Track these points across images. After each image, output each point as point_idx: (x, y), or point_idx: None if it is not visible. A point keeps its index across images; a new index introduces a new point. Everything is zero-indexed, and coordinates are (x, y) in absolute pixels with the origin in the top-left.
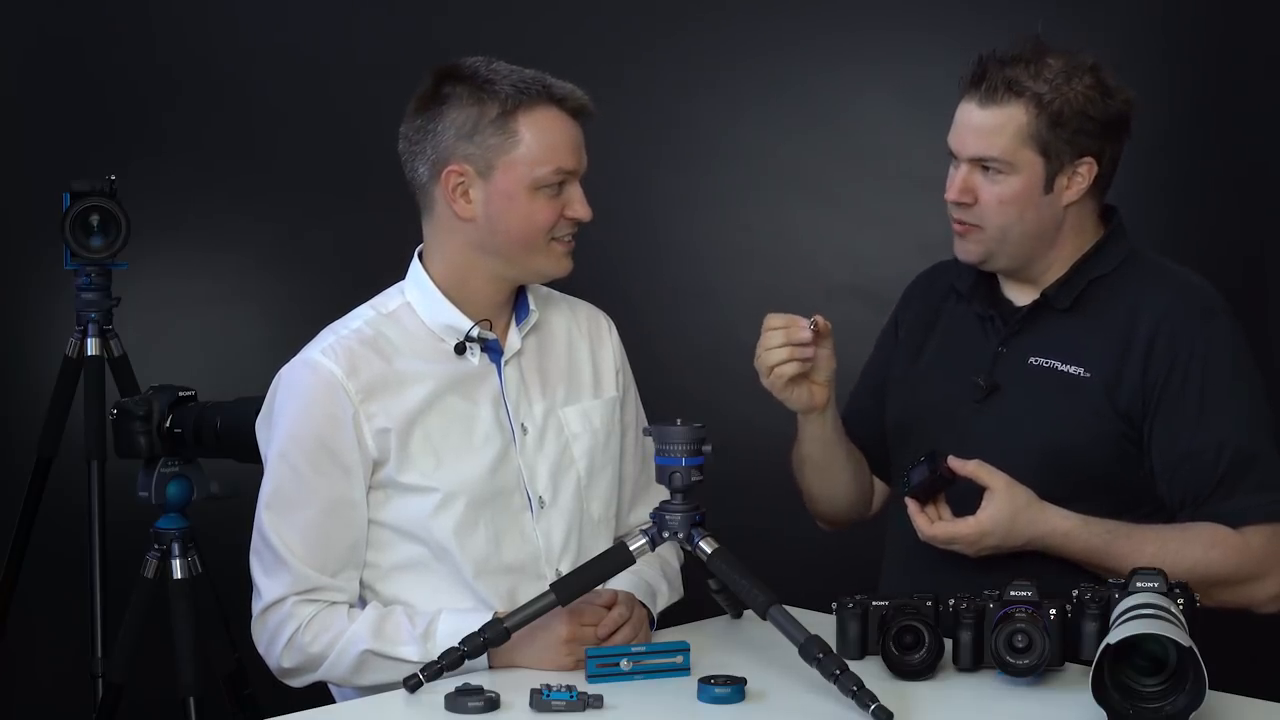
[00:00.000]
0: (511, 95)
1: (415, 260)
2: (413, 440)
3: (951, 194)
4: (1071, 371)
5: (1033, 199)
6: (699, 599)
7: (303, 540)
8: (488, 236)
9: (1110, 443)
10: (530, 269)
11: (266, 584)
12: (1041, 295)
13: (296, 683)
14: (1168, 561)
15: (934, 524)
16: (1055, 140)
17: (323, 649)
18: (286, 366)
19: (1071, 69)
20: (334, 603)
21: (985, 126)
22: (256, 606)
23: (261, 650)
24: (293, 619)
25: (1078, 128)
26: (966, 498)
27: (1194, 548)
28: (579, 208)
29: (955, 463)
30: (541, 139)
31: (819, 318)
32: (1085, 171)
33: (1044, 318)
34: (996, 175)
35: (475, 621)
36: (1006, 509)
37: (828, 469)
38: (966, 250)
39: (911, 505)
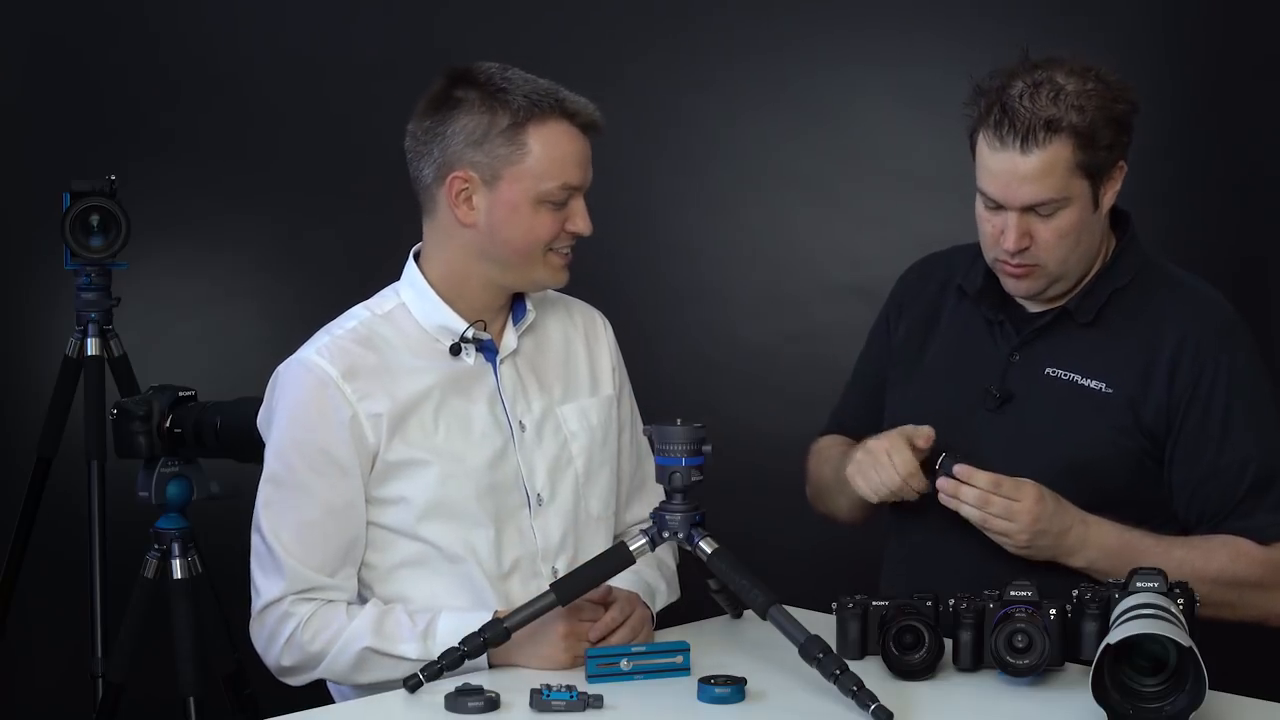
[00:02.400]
0: (524, 106)
1: (411, 261)
2: (410, 439)
3: (1010, 244)
4: (1092, 386)
5: (1086, 222)
6: (699, 599)
7: (300, 541)
8: (488, 244)
9: (1132, 459)
10: (527, 278)
11: (265, 583)
12: (1063, 308)
13: (295, 681)
14: (1197, 563)
15: (996, 474)
16: (1095, 159)
17: (322, 646)
18: (283, 365)
19: (1081, 81)
20: (331, 600)
21: (1034, 172)
22: (255, 605)
23: (260, 649)
24: (291, 617)
25: (1110, 139)
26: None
27: (1221, 553)
28: (580, 222)
29: (964, 471)
30: (550, 153)
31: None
32: (1118, 174)
33: (1061, 328)
34: (1052, 213)
35: (475, 620)
36: (1044, 488)
37: (853, 504)
38: (1024, 288)
39: (963, 469)
